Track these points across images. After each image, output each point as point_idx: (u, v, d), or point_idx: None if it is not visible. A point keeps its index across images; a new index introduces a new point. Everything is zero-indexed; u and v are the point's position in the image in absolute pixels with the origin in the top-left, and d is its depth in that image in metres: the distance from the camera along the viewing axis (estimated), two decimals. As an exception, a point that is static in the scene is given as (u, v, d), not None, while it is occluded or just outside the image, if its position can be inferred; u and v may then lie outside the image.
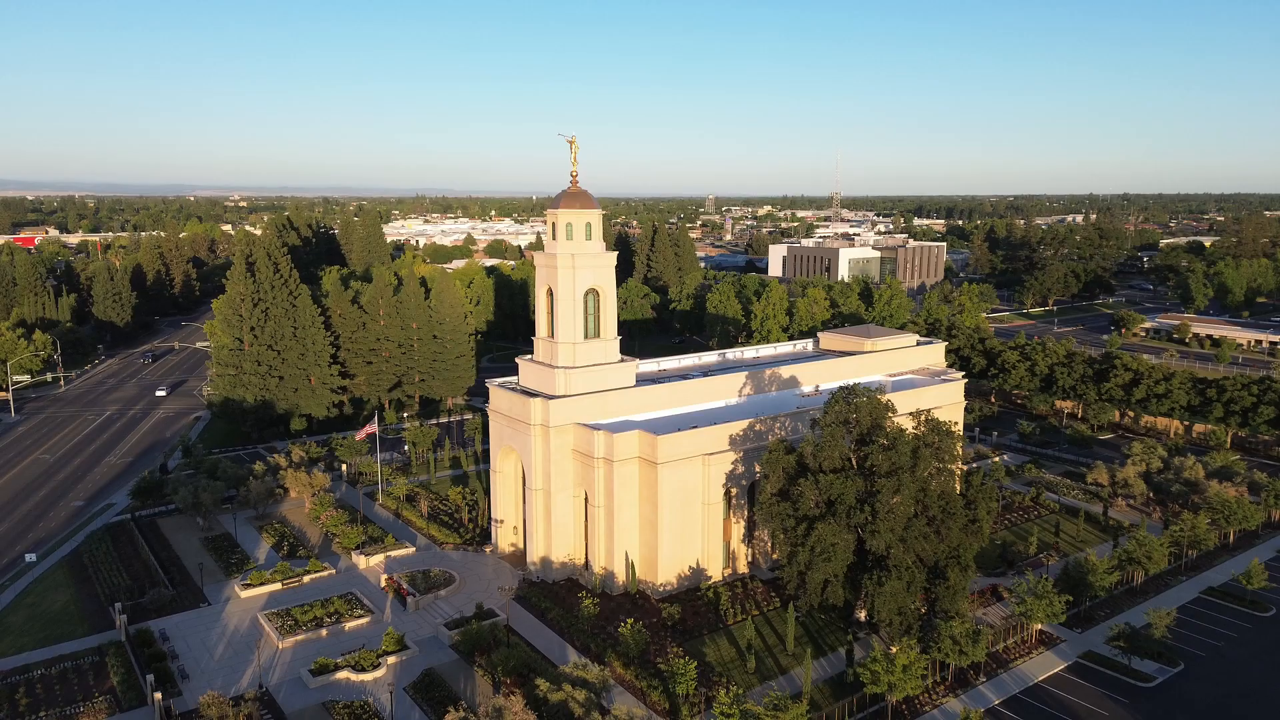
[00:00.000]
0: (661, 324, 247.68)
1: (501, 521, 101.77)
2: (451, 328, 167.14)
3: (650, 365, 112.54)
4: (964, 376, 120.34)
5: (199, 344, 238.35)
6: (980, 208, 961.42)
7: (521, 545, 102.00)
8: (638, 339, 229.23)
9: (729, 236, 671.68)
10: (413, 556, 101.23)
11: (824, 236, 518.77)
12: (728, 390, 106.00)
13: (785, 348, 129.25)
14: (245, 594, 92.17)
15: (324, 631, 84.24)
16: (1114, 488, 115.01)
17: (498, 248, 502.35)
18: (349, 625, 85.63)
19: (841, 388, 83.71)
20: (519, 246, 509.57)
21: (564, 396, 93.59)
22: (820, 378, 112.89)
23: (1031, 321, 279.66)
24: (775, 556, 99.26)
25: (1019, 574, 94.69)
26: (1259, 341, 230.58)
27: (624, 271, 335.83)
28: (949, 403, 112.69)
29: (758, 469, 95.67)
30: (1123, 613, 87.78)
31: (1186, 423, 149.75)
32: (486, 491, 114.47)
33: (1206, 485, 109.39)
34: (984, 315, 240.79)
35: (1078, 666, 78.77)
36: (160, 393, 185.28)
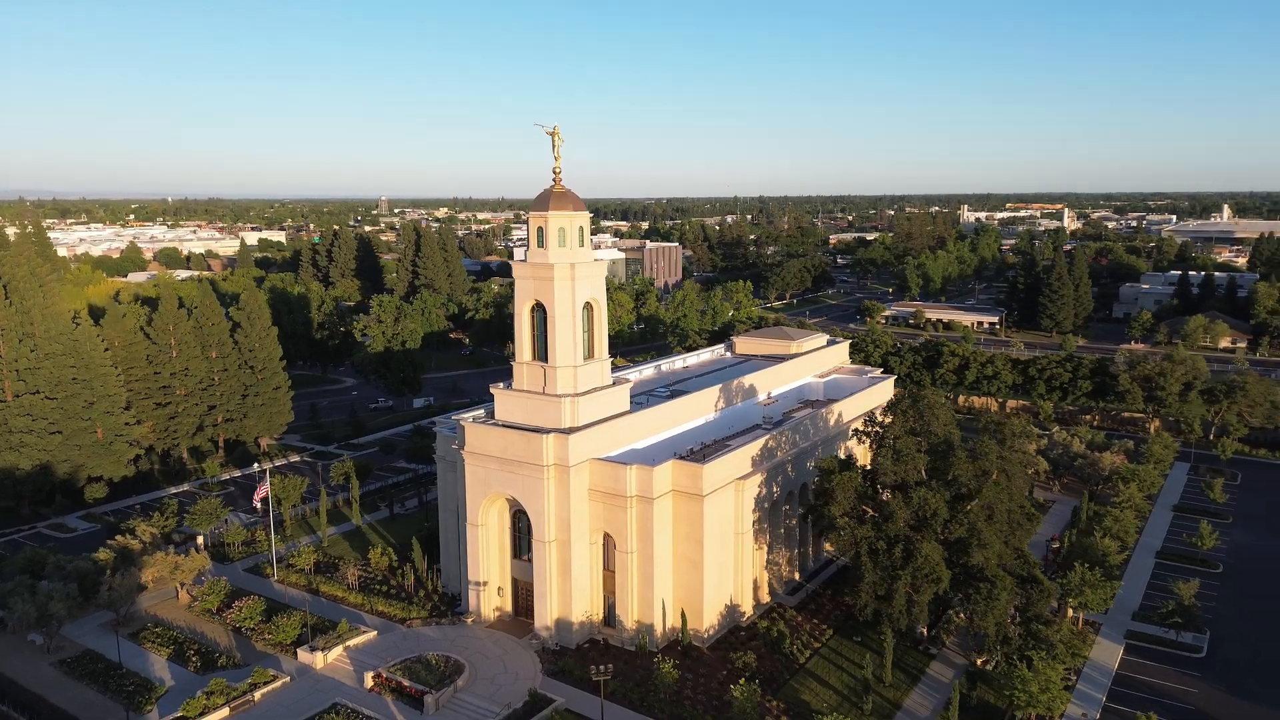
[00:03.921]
0: (439, 336, 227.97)
1: (484, 584, 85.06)
2: (265, 355, 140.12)
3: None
4: (884, 373, 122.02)
5: None
6: (649, 210, 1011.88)
7: (509, 609, 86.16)
8: (433, 353, 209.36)
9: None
10: (379, 642, 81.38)
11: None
12: (705, 406, 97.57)
13: (706, 354, 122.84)
14: (185, 733, 68.26)
15: (342, 764, 64.46)
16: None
17: (174, 256, 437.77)
18: (369, 749, 66.35)
19: (904, 395, 79.63)
20: (201, 254, 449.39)
21: (577, 429, 79.99)
22: (769, 384, 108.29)
23: (779, 314, 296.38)
24: (786, 578, 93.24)
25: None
26: (981, 323, 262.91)
27: (376, 281, 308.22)
28: (885, 402, 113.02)
29: (775, 489, 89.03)
30: (1119, 588, 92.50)
31: (1001, 400, 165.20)
32: (426, 546, 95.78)
33: (1097, 457, 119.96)
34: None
35: (1132, 648, 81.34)
36: None
